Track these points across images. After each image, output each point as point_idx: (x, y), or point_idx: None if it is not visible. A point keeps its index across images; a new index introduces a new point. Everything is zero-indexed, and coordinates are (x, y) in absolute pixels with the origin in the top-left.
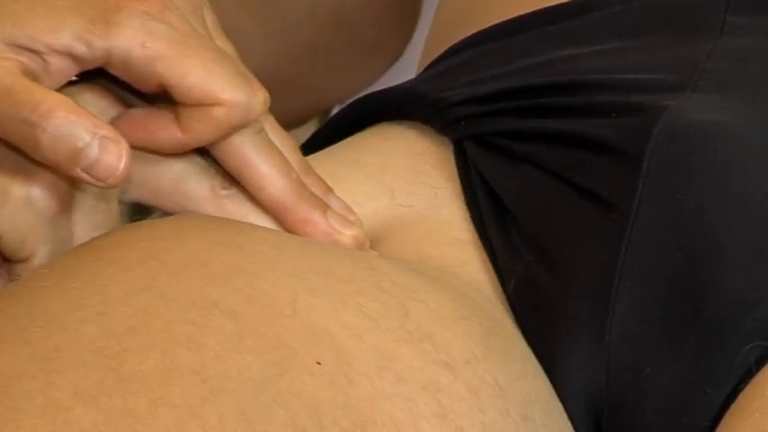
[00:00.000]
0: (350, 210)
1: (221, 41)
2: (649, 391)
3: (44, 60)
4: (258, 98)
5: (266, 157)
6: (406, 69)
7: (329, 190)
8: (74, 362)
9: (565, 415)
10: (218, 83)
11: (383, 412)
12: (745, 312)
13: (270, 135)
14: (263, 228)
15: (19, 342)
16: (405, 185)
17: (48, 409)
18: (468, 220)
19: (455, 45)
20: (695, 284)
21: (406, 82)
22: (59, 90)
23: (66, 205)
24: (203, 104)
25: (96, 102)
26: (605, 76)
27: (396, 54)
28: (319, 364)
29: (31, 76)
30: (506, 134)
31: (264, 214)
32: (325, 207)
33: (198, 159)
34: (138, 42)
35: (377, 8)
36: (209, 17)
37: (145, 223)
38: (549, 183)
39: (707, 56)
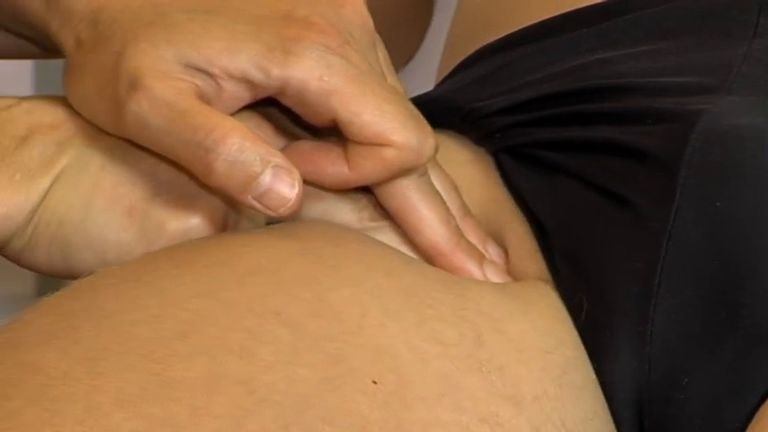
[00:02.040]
0: (504, 258)
1: (392, 79)
2: (688, 401)
3: (218, 85)
4: (429, 143)
5: (428, 202)
6: (418, 70)
7: (487, 237)
8: (120, 365)
9: None
10: (392, 124)
11: None
12: None
13: (432, 177)
14: (369, 239)
15: (70, 341)
16: (475, 196)
17: (88, 413)
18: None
19: (483, 48)
20: (733, 292)
21: (438, 89)
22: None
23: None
24: (374, 144)
25: (260, 130)
26: (639, 80)
27: (408, 55)
28: (375, 383)
29: (205, 99)
30: (540, 144)
31: (412, 254)
32: (481, 257)
33: (350, 192)
34: (317, 75)
35: (388, 10)
36: (382, 53)
37: (244, 231)
38: (582, 193)
39: (741, 58)
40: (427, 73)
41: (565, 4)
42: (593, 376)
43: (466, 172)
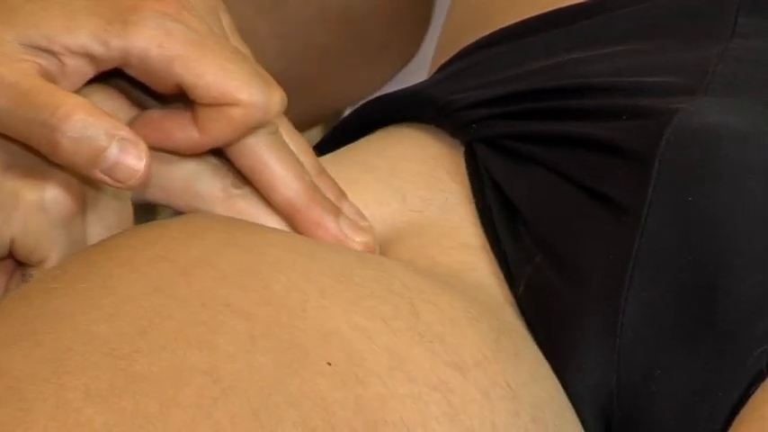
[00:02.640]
0: (362, 215)
1: (237, 42)
2: (660, 395)
3: (61, 62)
4: (275, 98)
5: (280, 158)
6: (417, 71)
7: (342, 194)
8: (85, 363)
9: (576, 418)
10: (236, 83)
11: (394, 412)
12: (757, 316)
13: (284, 136)
14: (274, 229)
15: (31, 343)
16: (416, 190)
17: (59, 410)
18: (478, 224)
19: (465, 48)
20: (706, 288)
21: (417, 84)
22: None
23: (79, 207)
24: (220, 104)
25: (108, 103)
26: (615, 79)
27: (407, 56)
28: (330, 364)
29: (49, 77)
30: (517, 137)
31: (275, 215)
32: (337, 211)
33: (210, 159)
34: (156, 42)
35: (388, 10)
36: (225, 18)
37: (155, 223)
38: (559, 185)
39: (718, 58)
40: (425, 74)
41: (547, 4)
42: (531, 345)
43: (426, 166)
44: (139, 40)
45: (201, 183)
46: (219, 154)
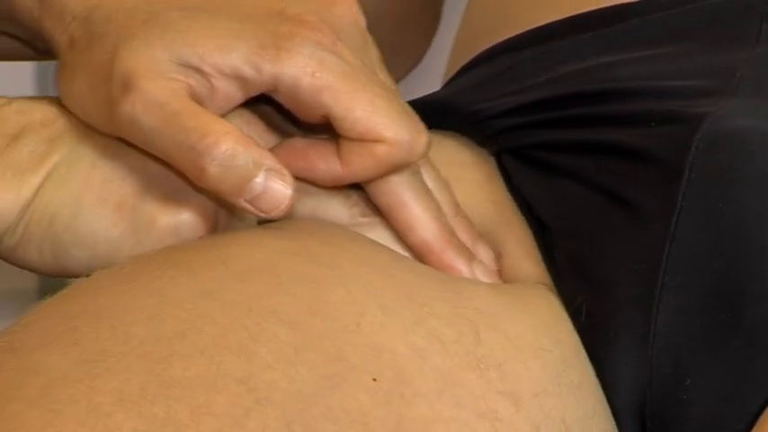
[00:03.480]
0: (494, 259)
1: (384, 76)
2: (690, 403)
3: (211, 84)
4: (421, 140)
5: (419, 200)
6: (426, 73)
7: (478, 237)
8: (119, 366)
9: None
10: (384, 120)
11: None
12: None
13: (424, 175)
14: (362, 238)
15: (69, 342)
16: (475, 197)
17: (89, 414)
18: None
19: (488, 51)
20: (736, 294)
21: (440, 91)
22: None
23: (212, 230)
24: (366, 140)
25: (247, 129)
26: (643, 84)
27: (416, 58)
28: (375, 380)
29: (197, 99)
30: (544, 146)
31: (404, 251)
32: (471, 257)
33: (342, 189)
34: (309, 71)
35: (396, 13)
36: (374, 52)
37: (226, 231)
38: (586, 194)
39: (745, 62)
40: (435, 76)
41: (569, 7)
42: (593, 376)
43: (465, 174)
44: (292, 67)
45: (329, 211)
46: (354, 185)
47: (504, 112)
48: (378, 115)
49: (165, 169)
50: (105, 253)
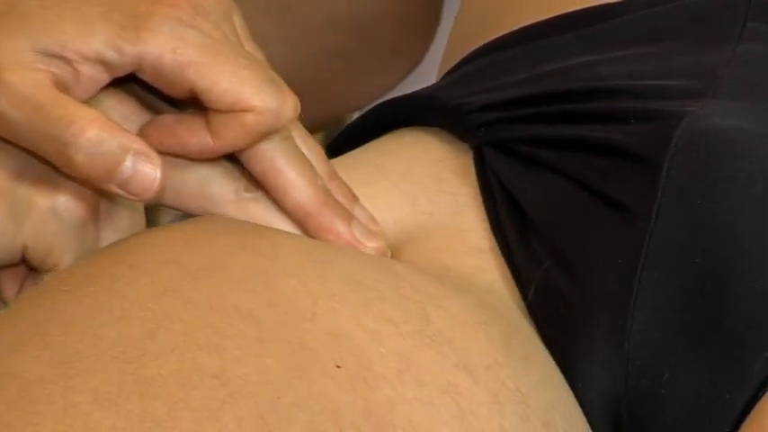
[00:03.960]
0: (374, 220)
1: (251, 47)
2: (669, 398)
3: (75, 69)
4: (288, 104)
5: (293, 164)
6: (426, 74)
7: (355, 198)
8: (93, 366)
9: (585, 422)
10: (249, 89)
11: (403, 416)
12: (766, 318)
13: (297, 141)
14: (286, 233)
15: (39, 346)
16: (426, 193)
17: (67, 413)
18: (488, 227)
19: (474, 51)
20: (715, 292)
21: (425, 88)
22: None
23: (92, 214)
24: (234, 110)
25: (120, 107)
26: (625, 82)
27: (415, 60)
28: (339, 367)
29: (62, 86)
30: (526, 140)
31: (287, 220)
32: (349, 217)
33: (223, 162)
34: (170, 48)
35: (396, 14)
36: (239, 22)
37: (165, 227)
38: (568, 188)
39: (726, 62)
40: (434, 78)
41: (556, 8)
42: (541, 348)
43: (435, 169)
44: (153, 46)
45: (214, 186)
46: (232, 158)
47: (484, 106)
48: (243, 85)
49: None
50: None
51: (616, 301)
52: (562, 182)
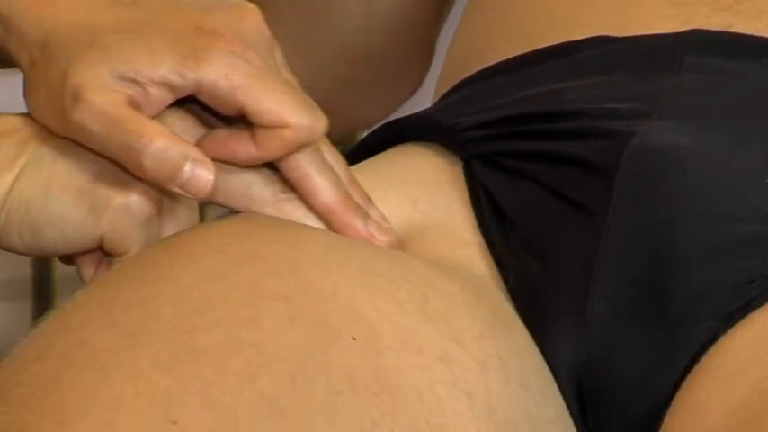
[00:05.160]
0: (385, 219)
1: (288, 75)
2: (620, 370)
3: (145, 91)
4: (319, 123)
5: (320, 171)
6: (421, 100)
7: (370, 201)
8: (153, 338)
9: (556, 386)
10: (288, 110)
11: (406, 379)
12: (700, 304)
13: (324, 153)
14: (314, 228)
15: (107, 323)
16: (425, 196)
17: (132, 375)
18: (476, 225)
19: (464, 80)
20: (659, 280)
21: (425, 110)
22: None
23: (157, 210)
24: (275, 127)
25: (181, 123)
26: (586, 106)
27: (414, 87)
28: (354, 339)
29: (135, 105)
30: (506, 154)
31: (315, 218)
32: (365, 215)
33: (263, 169)
34: (224, 75)
35: (400, 49)
36: (278, 55)
37: (214, 222)
38: (539, 193)
39: (669, 89)
40: (428, 102)
41: (527, 46)
42: (519, 324)
43: (433, 177)
44: (210, 73)
45: (255, 189)
46: (270, 165)
47: (473, 126)
48: (283, 106)
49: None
50: (73, 232)
51: (578, 286)
52: (535, 188)
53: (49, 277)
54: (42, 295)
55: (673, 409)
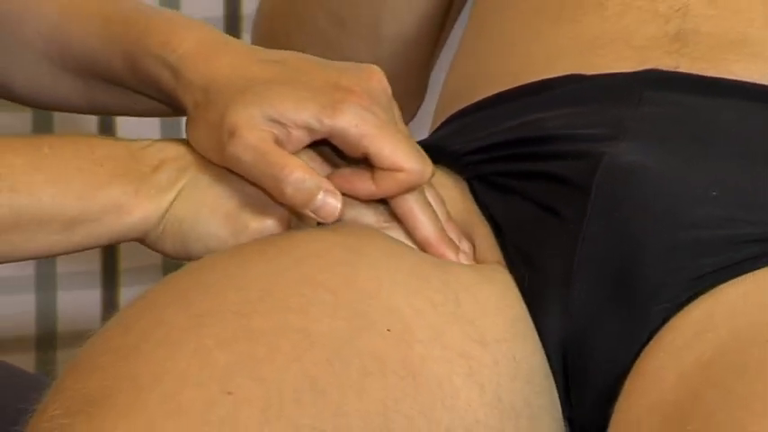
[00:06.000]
0: (471, 250)
1: (402, 127)
2: (596, 345)
3: (288, 132)
4: (428, 169)
5: (423, 209)
6: (417, 124)
7: (462, 236)
8: (218, 319)
9: (551, 377)
10: (403, 156)
11: (429, 368)
12: (661, 291)
13: (427, 194)
14: (381, 236)
15: (183, 305)
16: (456, 207)
17: (196, 351)
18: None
19: (459, 111)
20: (627, 273)
21: (430, 137)
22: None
23: (286, 229)
24: (392, 170)
25: (311, 162)
26: (563, 132)
27: (410, 115)
28: (389, 331)
29: (279, 142)
30: (499, 173)
31: (413, 246)
32: (457, 249)
33: (373, 202)
34: (354, 124)
35: (399, 85)
36: (396, 110)
37: (291, 232)
38: (527, 206)
39: (631, 118)
40: (422, 127)
41: (512, 82)
42: (533, 328)
43: (450, 192)
44: (343, 122)
45: (366, 217)
46: (380, 200)
47: (472, 150)
48: (400, 153)
49: (257, 190)
50: (215, 246)
51: (562, 281)
52: (523, 202)
53: (115, 270)
54: (109, 286)
55: (632, 375)
